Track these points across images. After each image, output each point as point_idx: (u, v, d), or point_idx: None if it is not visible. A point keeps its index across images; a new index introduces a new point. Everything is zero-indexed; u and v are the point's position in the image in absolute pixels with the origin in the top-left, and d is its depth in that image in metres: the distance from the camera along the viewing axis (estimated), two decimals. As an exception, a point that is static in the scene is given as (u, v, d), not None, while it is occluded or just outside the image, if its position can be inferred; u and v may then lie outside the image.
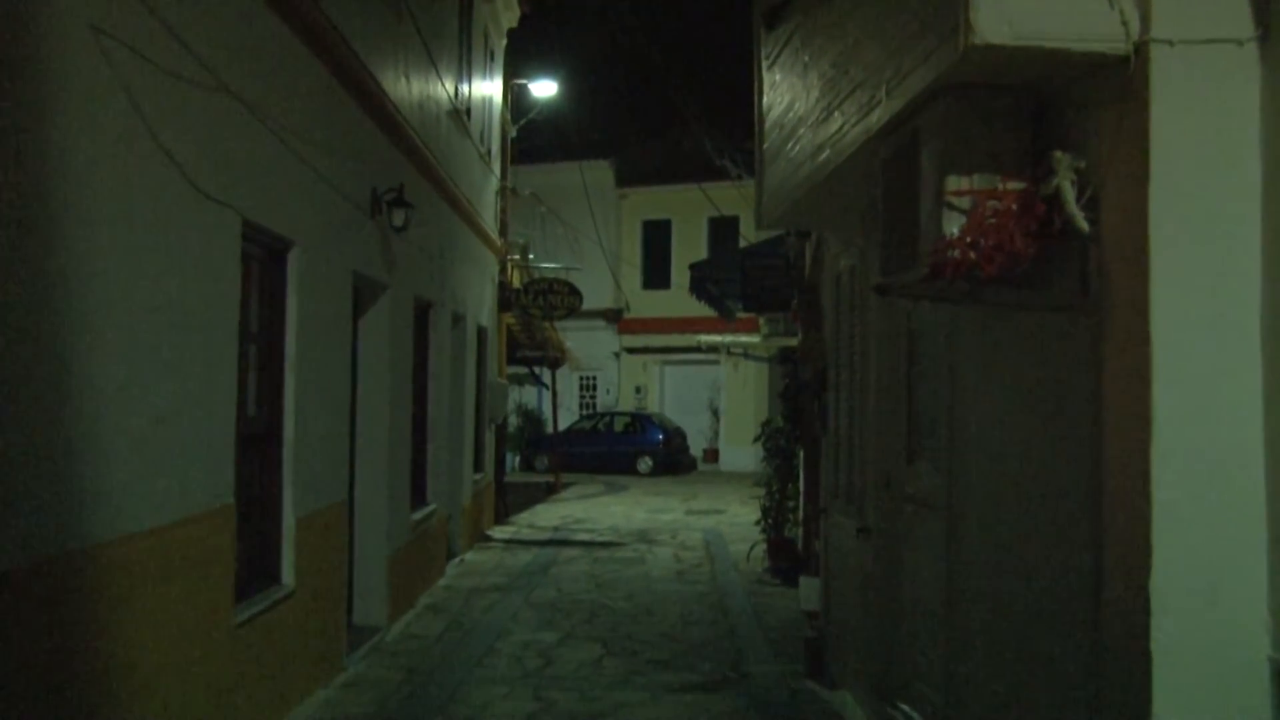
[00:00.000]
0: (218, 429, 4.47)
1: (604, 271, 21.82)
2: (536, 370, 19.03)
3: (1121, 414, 2.81)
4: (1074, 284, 3.05)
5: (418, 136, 8.15)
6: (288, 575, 5.44)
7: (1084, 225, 2.91)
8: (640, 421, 22.20)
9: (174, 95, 4.03)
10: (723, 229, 23.08)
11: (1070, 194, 2.93)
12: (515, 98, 14.73)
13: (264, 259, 5.36)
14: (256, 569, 5.22)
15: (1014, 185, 3.16)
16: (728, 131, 15.10)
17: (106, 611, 3.55)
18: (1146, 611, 2.61)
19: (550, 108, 15.45)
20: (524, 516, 14.57)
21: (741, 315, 14.14)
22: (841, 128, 4.60)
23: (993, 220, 3.12)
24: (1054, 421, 3.24)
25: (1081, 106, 3.08)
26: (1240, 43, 2.69)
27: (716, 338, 19.07)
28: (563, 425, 21.23)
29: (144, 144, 3.79)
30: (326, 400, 6.10)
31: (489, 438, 13.01)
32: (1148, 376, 2.66)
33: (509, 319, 14.61)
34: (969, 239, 3.15)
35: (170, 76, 3.97)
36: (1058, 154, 2.98)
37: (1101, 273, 2.92)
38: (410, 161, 8.11)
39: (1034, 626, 3.37)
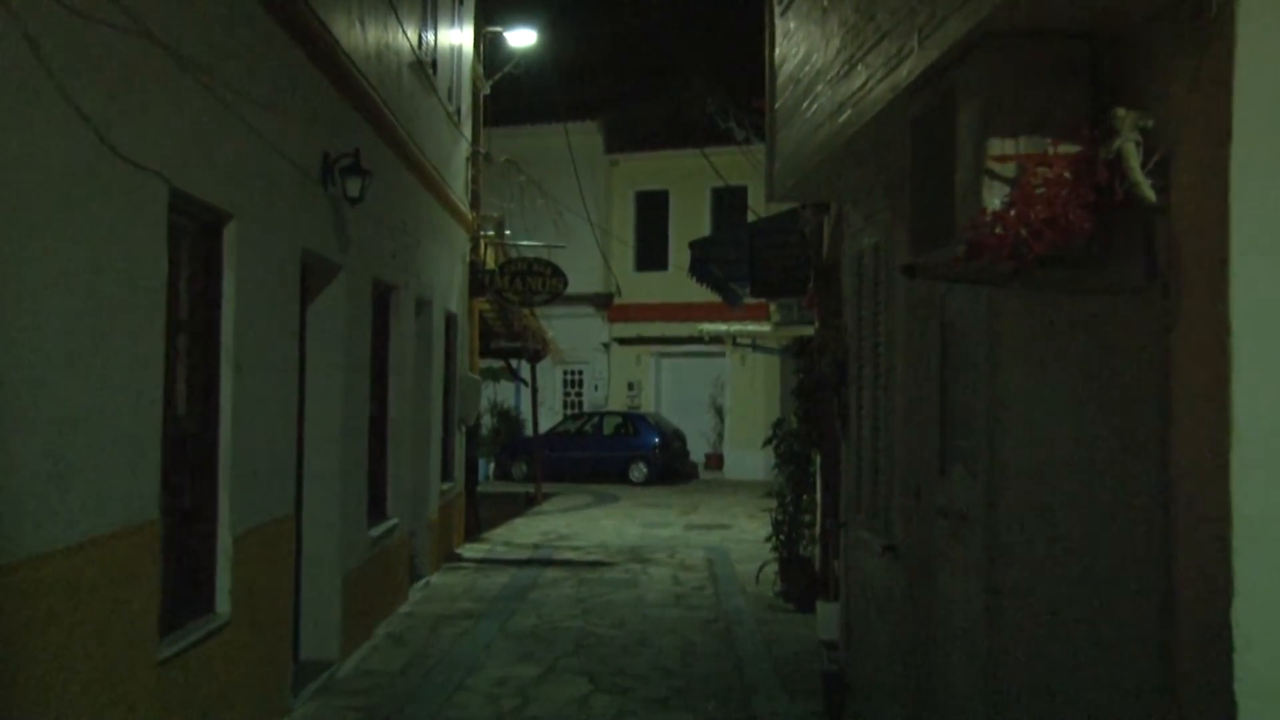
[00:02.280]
0: (140, 432, 4.41)
1: (592, 250, 21.78)
2: (514, 364, 18.98)
3: (1195, 412, 2.76)
4: (1138, 262, 3.01)
5: (375, 93, 8.09)
6: (223, 602, 5.39)
7: (1151, 194, 2.86)
8: (633, 422, 22.20)
9: (86, 41, 3.95)
10: (728, 201, 23.05)
11: (1135, 158, 2.88)
12: (488, 48, 14.65)
13: (196, 234, 5.31)
14: (186, 595, 5.16)
15: (1067, 149, 3.13)
16: (734, 89, 15.06)
17: (2, 649, 3.48)
18: (1228, 647, 2.55)
19: (529, 60, 15.35)
20: (499, 532, 14.55)
21: (749, 301, 14.10)
22: (866, 83, 4.58)
23: (1042, 190, 3.09)
24: (1113, 421, 3.19)
25: (1149, 55, 3.02)
26: (1351, -30, 2.61)
27: (720, 326, 19.04)
28: (544, 427, 21.21)
29: (49, 98, 3.72)
30: (270, 398, 6.06)
31: (459, 441, 12.98)
32: (1226, 369, 2.61)
33: (482, 304, 14.58)
34: (1014, 212, 3.12)
35: (80, 18, 3.89)
36: (1120, 111, 2.92)
37: (1171, 249, 2.87)
38: (367, 122, 8.06)
39: (1092, 661, 3.33)
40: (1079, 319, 3.45)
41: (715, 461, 24.12)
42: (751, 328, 18.33)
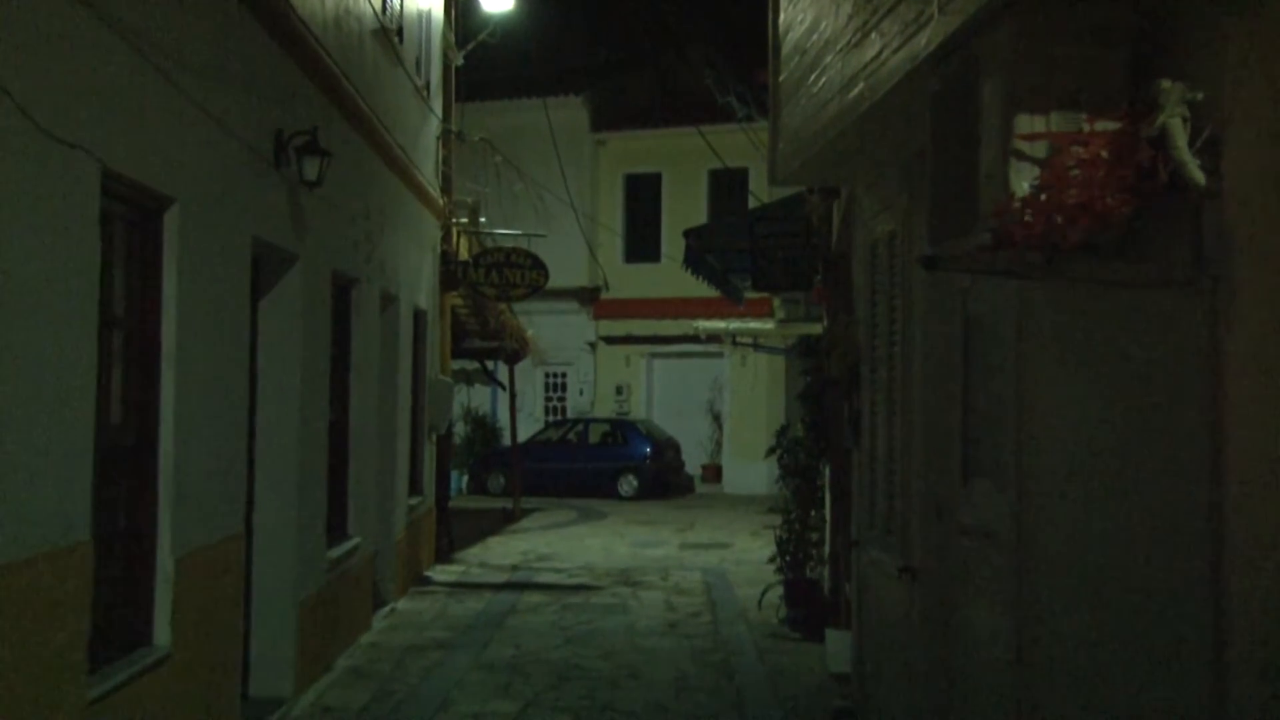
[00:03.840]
0: (69, 444, 4.37)
1: (576, 239, 21.75)
2: (490, 365, 18.93)
3: (1248, 420, 2.74)
4: (1185, 252, 3.00)
5: (334, 64, 8.05)
6: (162, 634, 5.35)
7: (1199, 176, 2.85)
8: (622, 430, 22.19)
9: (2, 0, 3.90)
10: (727, 185, 23.06)
11: (1181, 135, 2.87)
12: (461, 14, 14.61)
13: (133, 221, 5.27)
14: (120, 626, 5.12)
15: (1105, 126, 3.13)
16: (734, 60, 15.06)
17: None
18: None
19: (506, 28, 15.31)
20: (474, 552, 14.54)
21: (750, 295, 14.12)
22: (880, 54, 4.57)
23: (1076, 172, 3.09)
24: (1158, 430, 3.18)
25: (1197, 18, 3.01)
26: None
27: (719, 324, 19.04)
28: (524, 435, 21.19)
29: (-34, 69, 3.67)
30: (217, 404, 6.02)
31: (429, 451, 12.95)
32: (1283, 372, 2.59)
33: (455, 300, 14.54)
34: (1045, 196, 3.12)
35: (1, -20, 3.85)
36: (1165, 83, 2.91)
37: (1222, 237, 2.86)
38: (326, 97, 8.02)
39: (1135, 699, 3.31)
40: (1118, 315, 3.43)
41: (713, 473, 24.13)
42: (753, 325, 18.32)
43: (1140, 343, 3.30)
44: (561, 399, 25.45)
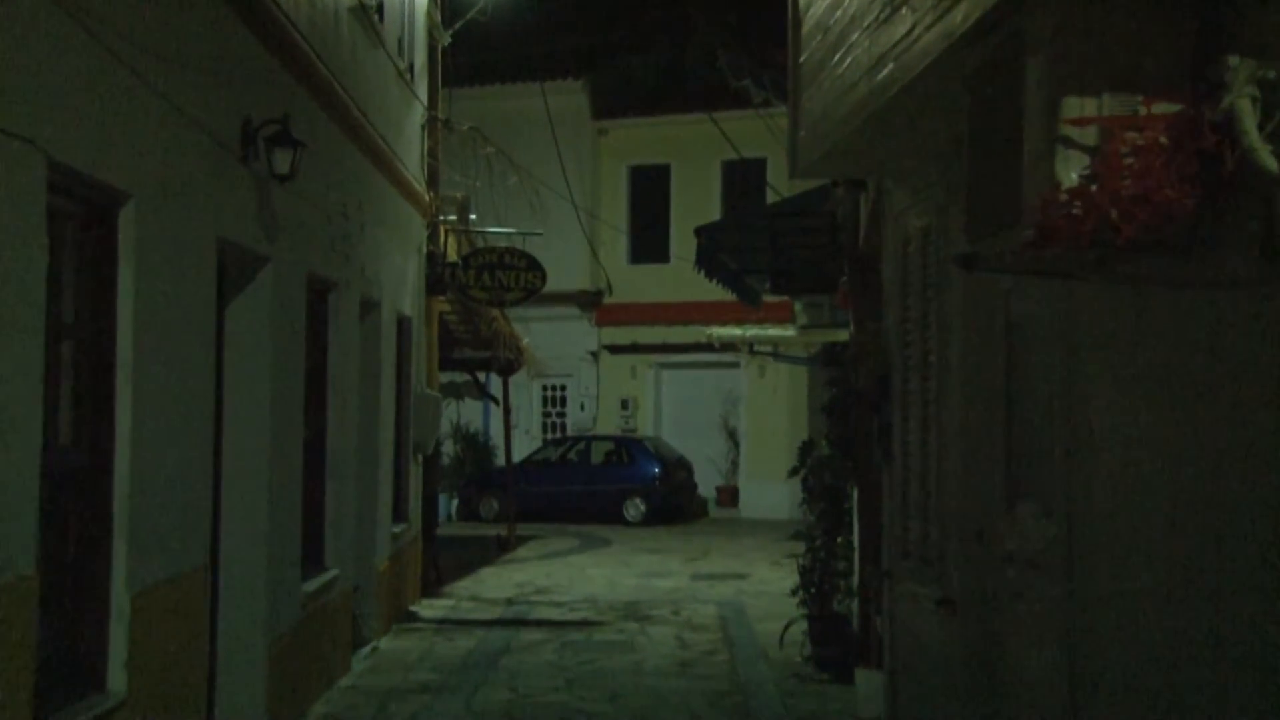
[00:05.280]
0: (12, 467, 4.36)
1: (576, 238, 21.80)
2: (482, 377, 18.97)
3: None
4: (1254, 248, 2.99)
5: (308, 45, 8.07)
6: (117, 678, 5.33)
7: (1271, 163, 2.83)
8: (628, 449, 22.21)
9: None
10: (743, 177, 23.10)
11: (1251, 118, 2.86)
12: (449, -9, 14.65)
13: (84, 219, 5.28)
14: (69, 669, 5.11)
15: (1164, 108, 3.13)
16: (750, 39, 15.03)
17: None
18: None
19: (499, 4, 15.35)
20: (464, 584, 14.57)
21: (769, 299, 14.13)
22: (911, 30, 4.57)
23: (1132, 160, 3.08)
24: (1222, 446, 3.16)
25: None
26: None
27: (734, 330, 19.05)
28: (519, 455, 21.21)
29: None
30: (179, 422, 6.03)
31: (414, 473, 12.97)
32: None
33: (443, 305, 14.58)
34: (1096, 188, 3.11)
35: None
36: (1233, 60, 2.90)
37: (1296, 232, 2.83)
38: (298, 82, 8.04)
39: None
40: (1179, 319, 3.42)
41: (728, 496, 24.14)
42: (772, 332, 18.33)
43: (1204, 349, 3.28)
44: (561, 414, 25.47)
